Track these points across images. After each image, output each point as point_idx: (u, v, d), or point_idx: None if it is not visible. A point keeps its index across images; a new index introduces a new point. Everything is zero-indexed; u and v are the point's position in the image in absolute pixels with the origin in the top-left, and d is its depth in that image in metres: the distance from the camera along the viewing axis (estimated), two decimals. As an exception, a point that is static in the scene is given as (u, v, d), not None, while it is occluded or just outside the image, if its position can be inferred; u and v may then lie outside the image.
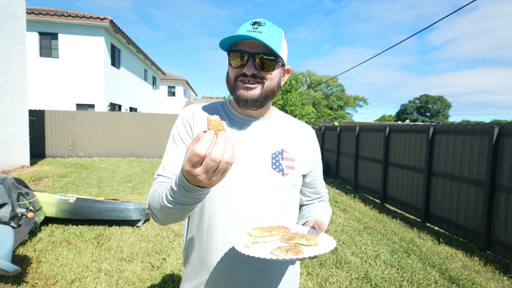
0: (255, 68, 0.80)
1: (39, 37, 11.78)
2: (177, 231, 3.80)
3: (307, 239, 0.68)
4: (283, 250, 0.63)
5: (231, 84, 0.86)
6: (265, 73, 0.82)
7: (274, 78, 0.85)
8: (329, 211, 1.02)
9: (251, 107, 0.85)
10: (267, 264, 0.85)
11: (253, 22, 0.81)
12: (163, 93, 27.53)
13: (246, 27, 0.81)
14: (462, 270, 3.06)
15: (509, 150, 3.45)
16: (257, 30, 0.79)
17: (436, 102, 48.75)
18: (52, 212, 3.63)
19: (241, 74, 0.82)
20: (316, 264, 3.06)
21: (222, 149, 0.52)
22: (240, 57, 0.81)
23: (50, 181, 6.37)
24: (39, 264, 2.78)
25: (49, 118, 10.32)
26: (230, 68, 0.85)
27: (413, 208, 5.01)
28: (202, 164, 0.53)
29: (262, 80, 0.83)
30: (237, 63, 0.82)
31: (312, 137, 0.98)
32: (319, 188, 1.03)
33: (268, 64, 0.81)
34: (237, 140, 0.86)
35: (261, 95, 0.83)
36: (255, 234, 0.72)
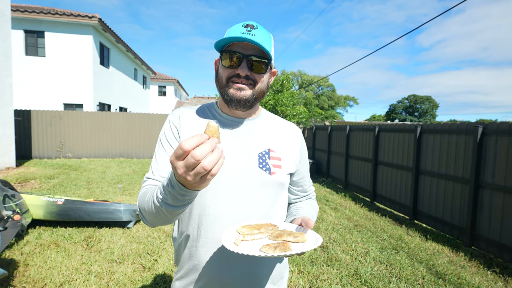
0: (248, 70, 0.82)
1: (25, 35, 11.47)
2: (168, 231, 3.78)
3: (294, 236, 0.70)
4: (271, 247, 0.65)
5: (222, 84, 0.86)
6: (258, 75, 0.84)
7: (264, 81, 0.87)
8: (316, 208, 1.05)
9: (242, 107, 0.86)
10: (256, 261, 0.86)
11: (246, 24, 0.82)
12: (153, 93, 27.22)
13: (239, 29, 0.81)
14: (448, 266, 3.16)
15: (493, 148, 3.57)
16: (250, 33, 0.80)
17: (424, 102, 49.78)
18: (39, 214, 3.55)
19: (234, 74, 0.83)
20: (307, 262, 3.09)
21: (205, 152, 0.53)
22: (234, 57, 0.82)
23: (37, 182, 6.23)
24: (27, 268, 2.72)
25: (36, 118, 10.07)
26: (222, 68, 0.85)
27: (402, 206, 5.12)
28: (184, 158, 0.54)
29: (254, 82, 0.84)
30: (230, 64, 0.83)
31: (298, 136, 1.00)
32: (306, 187, 1.05)
33: (261, 66, 0.83)
34: (225, 140, 0.88)
35: (252, 97, 0.85)
36: (243, 231, 0.73)
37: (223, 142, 0.88)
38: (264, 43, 0.80)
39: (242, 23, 0.83)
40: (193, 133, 0.89)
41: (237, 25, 0.84)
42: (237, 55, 0.81)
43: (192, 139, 0.53)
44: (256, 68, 0.83)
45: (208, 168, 0.53)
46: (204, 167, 0.53)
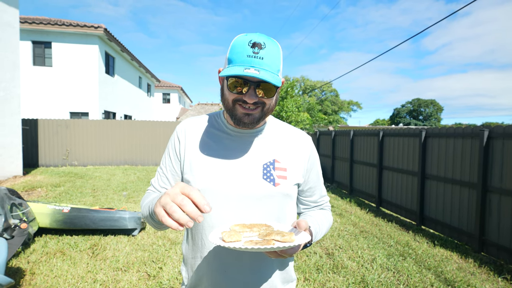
0: (256, 97, 0.78)
1: (33, 46, 11.74)
2: (173, 239, 3.78)
3: (282, 236, 0.68)
4: (253, 243, 0.65)
5: (228, 106, 0.83)
6: (267, 99, 0.81)
7: (273, 100, 0.84)
8: (327, 218, 0.99)
9: (250, 128, 0.86)
10: (260, 271, 0.86)
11: (253, 43, 0.75)
12: (158, 100, 27.49)
13: (246, 50, 0.75)
14: (458, 272, 3.09)
15: (499, 152, 3.52)
16: (258, 56, 0.74)
17: (428, 106, 49.48)
18: (46, 223, 3.58)
19: (241, 99, 0.80)
20: (313, 269, 3.06)
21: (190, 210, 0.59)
22: (240, 84, 0.77)
23: (43, 190, 6.29)
24: (33, 276, 2.73)
25: (43, 127, 10.22)
26: (228, 92, 0.81)
27: (408, 211, 5.05)
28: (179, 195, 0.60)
29: (262, 104, 0.82)
30: (236, 90, 0.78)
31: (307, 144, 0.96)
32: (317, 197, 1.00)
33: (269, 91, 0.79)
34: (230, 152, 0.88)
35: (261, 118, 0.84)
36: (235, 229, 0.73)
37: (228, 153, 0.88)
38: (273, 65, 0.76)
39: (248, 40, 0.76)
40: (198, 144, 0.90)
41: (243, 43, 0.76)
42: (244, 82, 0.77)
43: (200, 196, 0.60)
44: (265, 93, 0.79)
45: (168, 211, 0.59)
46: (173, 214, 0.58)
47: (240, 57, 0.76)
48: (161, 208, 0.61)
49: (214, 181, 0.84)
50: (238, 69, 0.74)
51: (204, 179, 0.85)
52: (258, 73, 0.72)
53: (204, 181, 0.85)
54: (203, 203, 0.59)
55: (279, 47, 0.81)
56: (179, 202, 0.59)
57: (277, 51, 0.79)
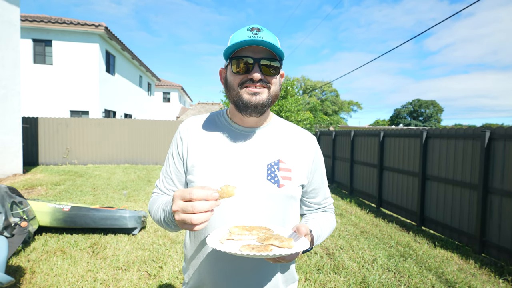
0: (261, 73, 0.79)
1: (33, 44, 11.72)
2: (174, 238, 3.77)
3: (281, 241, 0.67)
4: (250, 248, 0.64)
5: (234, 91, 0.83)
6: (271, 77, 0.82)
7: (277, 83, 0.85)
8: (331, 222, 0.97)
9: (258, 113, 0.83)
10: (261, 273, 0.85)
11: (251, 28, 0.80)
12: (158, 99, 27.47)
13: (245, 33, 0.79)
14: (458, 274, 3.09)
15: (501, 153, 3.52)
16: (258, 36, 0.77)
17: (429, 107, 49.47)
18: (46, 221, 3.57)
19: (247, 80, 0.80)
20: (314, 270, 3.06)
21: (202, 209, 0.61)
22: (245, 63, 0.79)
23: (43, 189, 6.28)
24: (33, 275, 2.72)
25: (43, 125, 10.21)
26: (233, 75, 0.82)
27: (409, 212, 5.05)
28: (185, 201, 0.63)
29: (267, 85, 0.82)
30: (241, 70, 0.80)
31: (312, 145, 0.95)
32: (321, 199, 0.99)
33: (273, 68, 0.81)
34: (234, 151, 0.87)
35: (268, 101, 0.83)
36: (234, 231, 0.72)
37: (232, 152, 0.87)
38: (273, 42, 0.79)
39: (246, 27, 0.81)
40: (201, 144, 0.89)
41: (241, 30, 0.82)
42: (249, 60, 0.78)
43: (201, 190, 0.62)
44: (268, 71, 0.80)
45: (194, 223, 0.61)
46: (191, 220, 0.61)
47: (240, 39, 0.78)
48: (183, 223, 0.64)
49: (217, 182, 0.83)
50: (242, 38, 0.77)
51: (207, 179, 0.84)
52: (262, 38, 0.77)
53: (206, 182, 0.84)
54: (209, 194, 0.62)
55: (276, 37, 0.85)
56: (192, 211, 0.61)
57: (275, 38, 0.83)
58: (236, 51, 0.81)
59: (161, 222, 0.82)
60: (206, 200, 0.62)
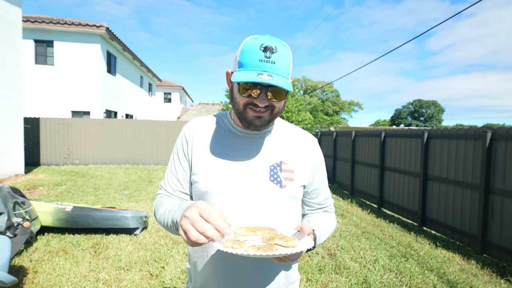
0: (267, 100, 0.79)
1: (35, 44, 11.76)
2: (175, 239, 3.78)
3: (285, 240, 0.68)
4: (255, 248, 0.65)
5: (239, 109, 0.83)
6: (277, 102, 0.82)
7: (282, 103, 0.84)
8: (331, 221, 0.99)
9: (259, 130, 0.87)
10: (265, 271, 0.87)
11: (264, 47, 0.75)
12: (159, 100, 27.52)
13: (257, 54, 0.74)
14: (460, 274, 3.09)
15: (502, 154, 3.52)
16: (269, 60, 0.74)
17: (430, 107, 49.42)
18: (48, 221, 3.58)
19: (252, 103, 0.80)
20: (316, 270, 3.06)
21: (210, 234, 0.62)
22: (251, 88, 0.77)
23: (45, 189, 6.30)
24: (36, 275, 2.74)
25: (44, 125, 10.23)
26: (239, 95, 0.81)
27: (410, 212, 5.05)
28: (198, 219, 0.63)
29: (272, 108, 0.82)
30: (248, 94, 0.79)
31: (313, 146, 0.97)
32: (322, 199, 1.01)
33: (280, 95, 0.80)
34: (237, 153, 0.88)
35: (270, 120, 0.85)
36: (239, 232, 0.73)
37: (235, 154, 0.88)
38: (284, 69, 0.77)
39: (260, 43, 0.75)
40: (205, 145, 0.90)
41: (254, 46, 0.75)
42: (256, 86, 0.77)
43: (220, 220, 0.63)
44: (275, 97, 0.79)
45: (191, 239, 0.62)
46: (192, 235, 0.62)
47: (251, 61, 0.75)
48: (183, 233, 0.65)
49: (221, 183, 0.85)
50: (251, 74, 0.74)
51: (211, 180, 0.85)
52: (272, 79, 0.73)
53: (211, 183, 0.85)
54: (223, 227, 0.63)
55: (289, 50, 0.81)
56: (199, 229, 0.62)
57: (287, 55, 0.79)
58: None
59: (166, 225, 0.82)
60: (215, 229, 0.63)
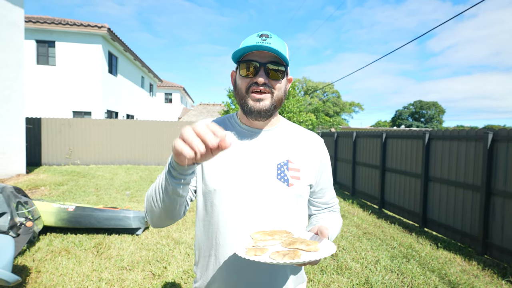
0: (266, 77, 0.84)
1: (36, 45, 11.80)
2: (177, 239, 3.79)
3: (307, 245, 0.68)
4: (281, 255, 0.64)
5: (241, 95, 0.87)
6: (275, 82, 0.86)
7: (281, 88, 0.88)
8: (338, 220, 1.01)
9: (262, 118, 0.87)
10: (273, 271, 0.86)
11: (260, 34, 0.85)
12: (160, 100, 27.55)
13: (254, 39, 0.84)
14: (461, 275, 3.10)
15: (503, 155, 3.52)
16: (266, 42, 0.82)
17: (430, 108, 49.41)
18: (51, 221, 3.60)
19: (252, 83, 0.85)
20: (317, 271, 3.07)
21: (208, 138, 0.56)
22: (251, 66, 0.84)
23: (46, 189, 6.32)
24: (39, 274, 2.75)
25: (46, 125, 10.26)
26: (240, 78, 0.87)
27: (411, 213, 5.05)
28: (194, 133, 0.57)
29: (271, 90, 0.86)
30: (248, 73, 0.85)
31: (319, 146, 0.98)
32: (328, 198, 1.02)
33: (277, 73, 0.85)
34: (243, 151, 0.89)
35: (271, 106, 0.86)
36: (256, 237, 0.73)
37: (242, 152, 0.89)
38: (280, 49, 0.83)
39: (256, 33, 0.86)
40: None
41: (251, 36, 0.87)
42: (254, 64, 0.83)
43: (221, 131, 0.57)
44: (273, 75, 0.84)
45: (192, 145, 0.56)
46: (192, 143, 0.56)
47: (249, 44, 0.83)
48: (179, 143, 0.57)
49: (229, 181, 0.85)
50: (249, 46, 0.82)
51: (218, 179, 0.86)
52: (270, 44, 0.81)
53: (218, 181, 0.86)
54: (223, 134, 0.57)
55: (285, 44, 0.89)
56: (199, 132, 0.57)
57: (283, 43, 0.87)
58: (244, 55, 0.86)
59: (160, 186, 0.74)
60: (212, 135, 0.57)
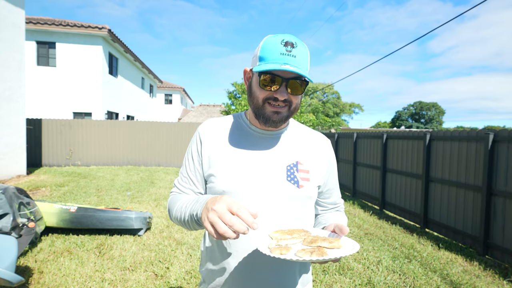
0: (287, 93, 0.81)
1: (37, 46, 11.81)
2: (179, 239, 3.79)
3: (329, 242, 0.69)
4: (308, 252, 0.64)
5: (257, 104, 0.85)
6: (295, 97, 0.84)
7: (299, 99, 0.87)
8: (345, 220, 1.02)
9: (277, 126, 0.87)
10: (283, 271, 0.87)
11: (285, 42, 0.78)
12: (160, 101, 27.57)
13: (279, 48, 0.78)
14: (463, 275, 3.10)
15: (504, 156, 3.53)
16: (291, 54, 0.77)
17: (430, 109, 49.48)
18: (53, 222, 3.60)
19: (271, 97, 0.82)
20: (320, 271, 3.07)
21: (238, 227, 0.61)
22: (273, 81, 0.80)
23: (47, 190, 6.32)
24: (41, 275, 2.75)
25: (46, 126, 10.26)
26: (259, 88, 0.83)
27: (412, 214, 5.06)
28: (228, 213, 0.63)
29: (290, 103, 0.84)
30: (268, 86, 0.81)
31: (327, 147, 0.99)
32: (335, 198, 1.03)
33: (298, 89, 0.82)
34: (253, 153, 0.89)
35: (288, 116, 0.86)
36: (276, 236, 0.73)
37: (251, 154, 0.89)
38: (304, 64, 0.79)
39: (280, 39, 0.79)
40: (221, 145, 0.91)
41: (274, 41, 0.79)
42: (277, 79, 0.79)
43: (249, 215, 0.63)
44: (293, 92, 0.81)
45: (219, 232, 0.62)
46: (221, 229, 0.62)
47: (273, 54, 0.78)
48: (210, 225, 0.65)
49: (238, 183, 0.85)
50: (275, 65, 0.76)
51: (228, 181, 0.86)
52: (295, 69, 0.76)
53: (228, 183, 0.85)
54: (251, 221, 0.62)
55: (307, 48, 0.84)
56: (228, 222, 0.62)
57: (306, 52, 0.82)
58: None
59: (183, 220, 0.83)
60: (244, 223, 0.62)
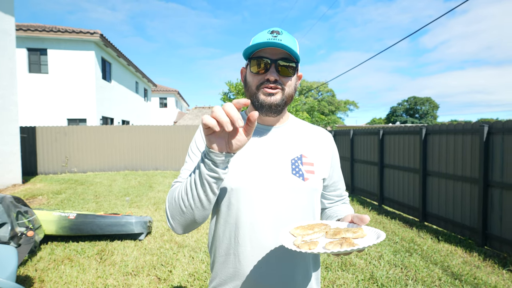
0: (277, 74, 0.84)
1: (28, 53, 11.69)
2: (180, 242, 3.78)
3: (353, 232, 0.68)
4: (337, 244, 0.64)
5: (252, 91, 0.88)
6: (286, 79, 0.86)
7: (292, 85, 0.89)
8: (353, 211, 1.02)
9: (273, 113, 0.88)
10: (294, 267, 0.87)
11: (271, 30, 0.85)
12: (155, 105, 27.43)
13: (265, 36, 0.84)
14: (463, 266, 3.14)
15: (499, 147, 3.59)
16: (277, 38, 0.82)
17: (424, 104, 49.96)
18: (52, 230, 3.57)
19: (263, 81, 0.85)
20: (322, 268, 3.09)
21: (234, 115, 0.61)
22: (262, 63, 0.84)
23: (44, 198, 6.25)
24: (43, 284, 2.72)
25: (41, 134, 10.15)
26: (251, 75, 0.87)
27: (411, 208, 5.11)
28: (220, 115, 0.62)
29: (282, 86, 0.86)
30: (259, 70, 0.85)
31: (329, 141, 1.01)
32: (341, 191, 1.05)
33: (288, 70, 0.85)
34: (256, 148, 0.89)
35: (282, 101, 0.87)
36: (298, 233, 0.73)
37: (255, 149, 0.89)
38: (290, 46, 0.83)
39: (267, 30, 0.86)
40: None
41: (262, 32, 0.86)
42: (265, 61, 0.83)
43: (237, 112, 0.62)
44: (284, 72, 0.85)
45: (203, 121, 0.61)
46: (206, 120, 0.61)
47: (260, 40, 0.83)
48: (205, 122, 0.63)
49: (244, 179, 0.85)
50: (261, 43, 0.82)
51: (233, 177, 0.86)
52: (281, 41, 0.81)
53: (233, 180, 0.85)
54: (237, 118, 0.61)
55: (295, 39, 0.89)
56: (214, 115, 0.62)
57: (293, 40, 0.87)
58: (255, 52, 0.86)
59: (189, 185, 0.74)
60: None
